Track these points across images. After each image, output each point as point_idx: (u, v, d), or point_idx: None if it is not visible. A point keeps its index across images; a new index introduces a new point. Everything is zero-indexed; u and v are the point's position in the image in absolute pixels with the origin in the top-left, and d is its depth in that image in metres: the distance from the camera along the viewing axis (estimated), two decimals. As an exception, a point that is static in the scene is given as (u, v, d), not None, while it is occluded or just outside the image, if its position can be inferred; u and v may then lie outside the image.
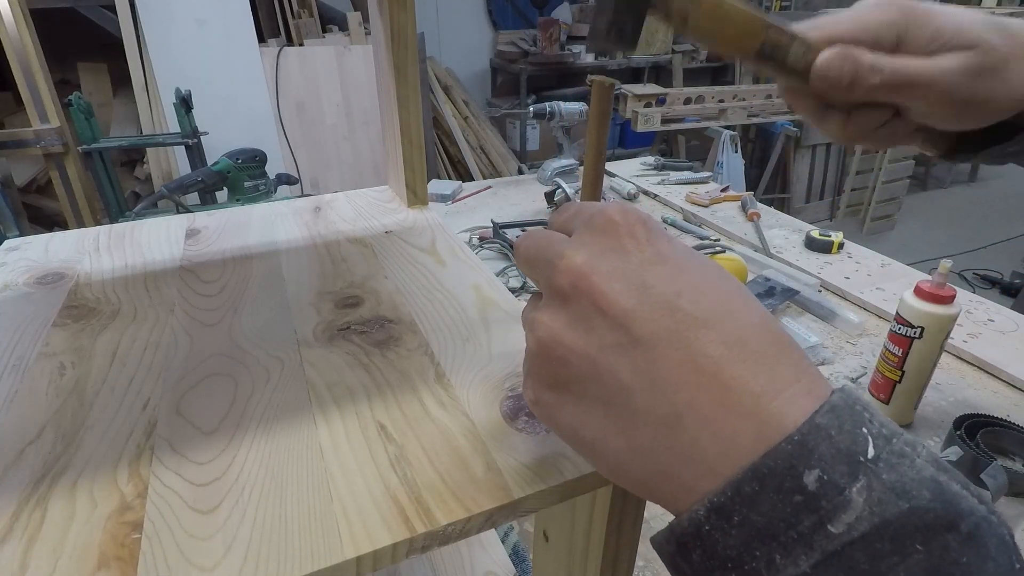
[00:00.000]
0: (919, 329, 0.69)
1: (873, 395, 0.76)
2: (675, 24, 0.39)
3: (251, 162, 2.05)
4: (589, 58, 4.01)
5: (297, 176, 2.58)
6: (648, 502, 0.24)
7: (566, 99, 1.53)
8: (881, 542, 0.16)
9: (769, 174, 3.46)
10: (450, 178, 2.95)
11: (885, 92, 0.39)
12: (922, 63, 0.38)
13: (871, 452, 0.17)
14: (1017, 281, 2.95)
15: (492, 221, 1.25)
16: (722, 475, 0.18)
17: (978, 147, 0.44)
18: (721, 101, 2.99)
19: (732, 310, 0.20)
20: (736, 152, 2.63)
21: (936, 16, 0.39)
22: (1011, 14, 2.76)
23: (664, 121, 2.89)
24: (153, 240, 0.51)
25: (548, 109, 1.48)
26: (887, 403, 0.75)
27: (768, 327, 0.20)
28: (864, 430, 0.17)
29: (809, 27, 0.40)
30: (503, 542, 0.65)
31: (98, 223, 1.85)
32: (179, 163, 2.54)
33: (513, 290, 1.06)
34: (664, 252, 0.22)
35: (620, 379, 0.20)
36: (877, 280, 1.10)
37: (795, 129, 3.29)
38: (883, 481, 0.16)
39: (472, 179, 2.91)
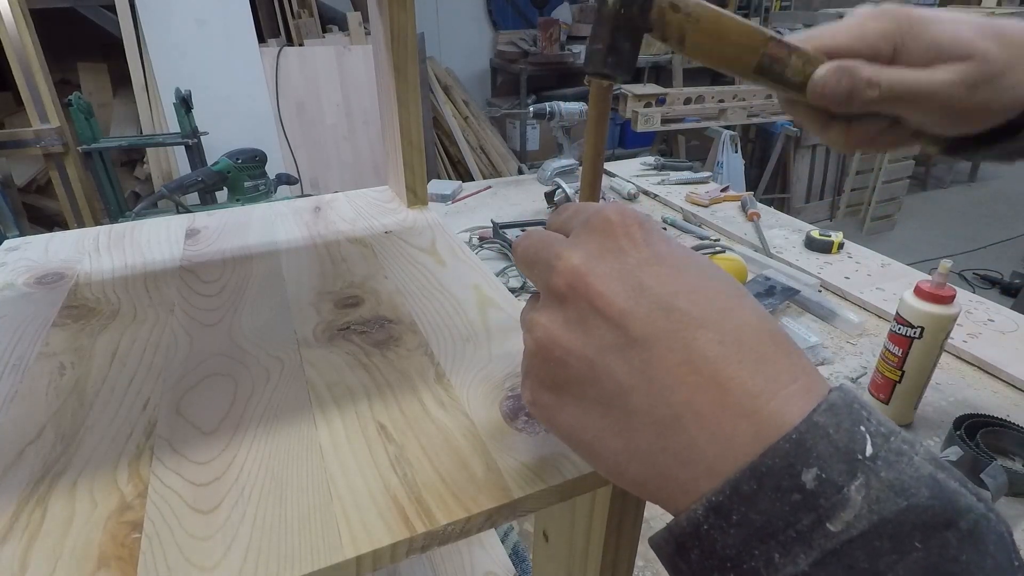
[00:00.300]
0: (919, 329, 0.69)
1: (873, 395, 0.76)
2: (672, 44, 0.39)
3: (251, 162, 2.05)
4: (589, 58, 4.01)
5: (297, 176, 2.58)
6: (648, 502, 0.24)
7: (566, 99, 1.53)
8: (880, 540, 0.16)
9: (769, 174, 3.46)
10: (450, 178, 2.95)
11: (884, 104, 0.39)
12: (919, 75, 0.38)
13: (869, 450, 0.17)
14: (1017, 281, 2.95)
15: (492, 221, 1.25)
16: (721, 475, 0.18)
17: (979, 146, 0.44)
18: (721, 101, 2.99)
19: (729, 310, 0.20)
20: (736, 152, 2.63)
21: (932, 26, 0.39)
22: (1012, 14, 2.76)
23: (664, 121, 2.89)
24: (153, 240, 0.51)
25: (548, 109, 1.48)
26: (887, 403, 0.75)
27: (766, 326, 0.20)
28: (862, 428, 0.17)
29: (805, 38, 0.40)
30: (503, 542, 0.65)
31: (98, 223, 1.85)
32: (179, 163, 2.54)
33: (513, 290, 1.06)
34: (661, 252, 0.22)
35: (618, 380, 0.20)
36: (877, 280, 1.10)
37: (795, 129, 3.29)
38: (882, 479, 0.16)
39: (472, 179, 2.91)
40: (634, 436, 0.20)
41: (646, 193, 1.56)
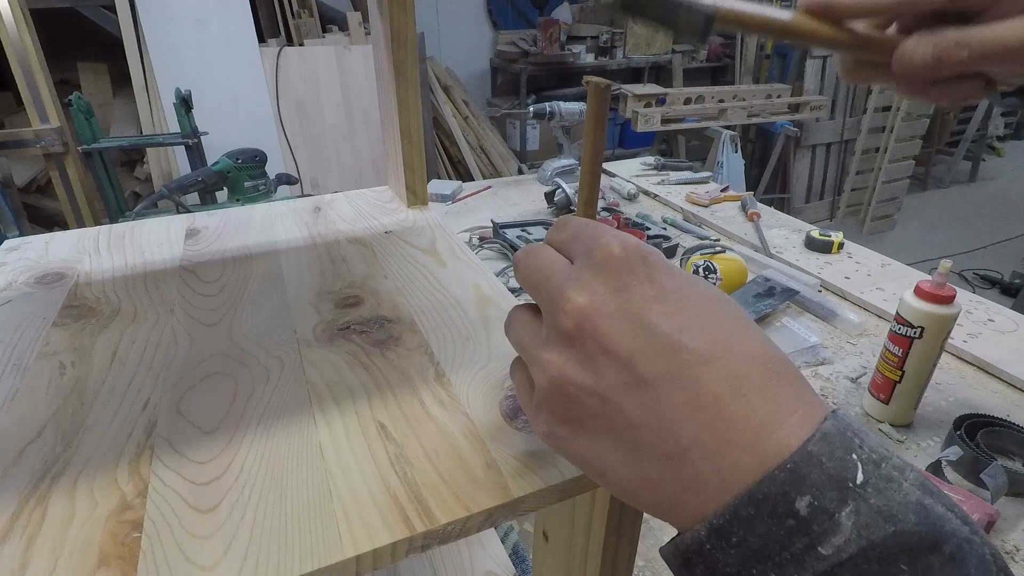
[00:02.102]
0: (919, 329, 0.69)
1: (873, 395, 0.76)
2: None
3: (251, 162, 2.05)
4: (589, 58, 4.01)
5: (297, 176, 2.58)
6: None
7: (566, 99, 1.53)
8: (868, 563, 0.17)
9: (769, 174, 3.46)
10: (450, 178, 2.95)
11: (973, 64, 0.36)
12: (1007, 28, 0.34)
13: (860, 478, 0.18)
14: (1017, 281, 2.95)
15: (492, 221, 1.25)
16: (723, 502, 0.19)
17: None
18: (721, 101, 2.99)
19: (734, 343, 0.21)
20: (736, 152, 2.63)
21: None
22: None
23: (664, 121, 2.89)
24: (153, 240, 0.52)
25: (548, 109, 1.48)
26: (887, 403, 0.75)
27: (768, 357, 0.21)
28: (854, 456, 0.19)
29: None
30: (503, 542, 0.65)
31: (98, 223, 1.85)
32: (179, 163, 2.54)
33: (513, 290, 1.06)
34: (666, 287, 0.22)
35: (628, 416, 0.21)
36: (877, 280, 1.10)
37: (795, 129, 3.29)
38: (871, 506, 0.18)
39: (472, 179, 2.91)
40: (644, 467, 0.21)
41: (646, 193, 1.56)
